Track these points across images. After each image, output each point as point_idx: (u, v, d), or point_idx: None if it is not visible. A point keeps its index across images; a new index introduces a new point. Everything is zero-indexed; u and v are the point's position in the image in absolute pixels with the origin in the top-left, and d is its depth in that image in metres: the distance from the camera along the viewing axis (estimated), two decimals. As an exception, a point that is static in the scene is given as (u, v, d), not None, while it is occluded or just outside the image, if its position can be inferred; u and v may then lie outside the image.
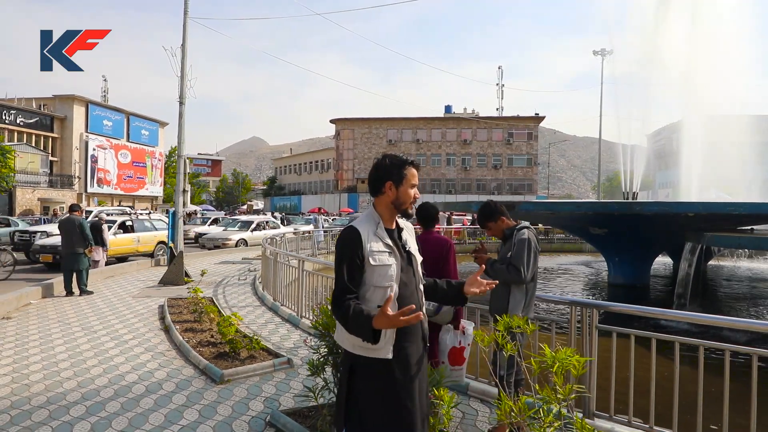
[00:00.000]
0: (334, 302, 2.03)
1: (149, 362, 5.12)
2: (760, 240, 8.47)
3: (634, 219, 10.46)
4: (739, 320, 3.54)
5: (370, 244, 2.03)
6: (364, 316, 1.89)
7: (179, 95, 10.84)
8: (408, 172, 2.13)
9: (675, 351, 3.37)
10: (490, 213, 3.60)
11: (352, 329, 1.96)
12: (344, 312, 1.96)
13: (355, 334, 1.97)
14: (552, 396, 2.20)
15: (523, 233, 3.38)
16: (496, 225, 3.59)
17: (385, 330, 1.92)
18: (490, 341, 2.53)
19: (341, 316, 1.99)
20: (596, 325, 3.71)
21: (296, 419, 3.53)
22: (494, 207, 3.62)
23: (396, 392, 2.01)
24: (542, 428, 2.23)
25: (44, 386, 4.39)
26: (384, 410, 2.01)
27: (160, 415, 3.80)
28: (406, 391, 2.01)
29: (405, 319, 1.80)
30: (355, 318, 1.92)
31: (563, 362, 2.24)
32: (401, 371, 2.02)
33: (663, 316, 3.87)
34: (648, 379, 3.46)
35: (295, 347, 5.70)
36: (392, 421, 2.00)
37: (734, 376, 3.20)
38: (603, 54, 34.54)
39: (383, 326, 1.87)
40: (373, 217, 2.15)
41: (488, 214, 3.61)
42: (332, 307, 2.07)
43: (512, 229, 3.49)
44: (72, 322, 6.84)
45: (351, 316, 1.93)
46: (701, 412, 3.17)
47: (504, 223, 3.57)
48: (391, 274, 2.03)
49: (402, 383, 2.01)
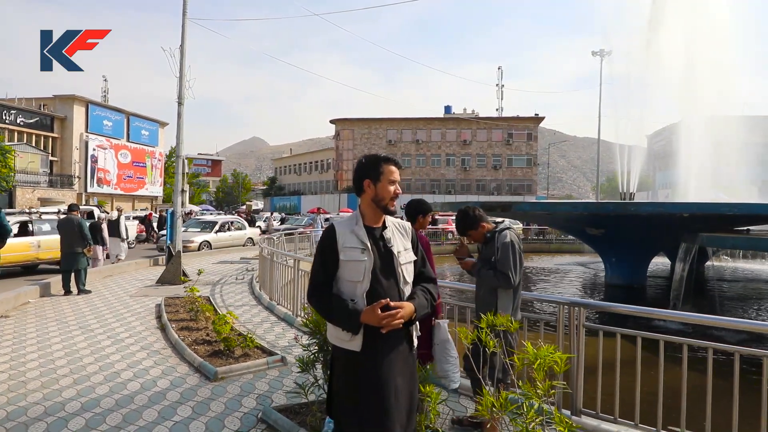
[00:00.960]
0: (309, 293, 2.22)
1: (145, 360, 5.18)
2: (754, 240, 8.52)
3: (629, 219, 10.52)
4: (725, 319, 3.57)
5: (343, 240, 2.16)
6: (351, 309, 2.05)
7: (178, 96, 10.90)
8: (385, 168, 2.21)
9: (660, 349, 3.42)
10: (471, 222, 3.52)
11: (334, 318, 2.11)
12: (324, 302, 2.14)
13: (336, 324, 2.11)
14: (532, 391, 2.26)
15: (506, 236, 3.37)
16: (476, 232, 3.52)
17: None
18: (473, 338, 2.58)
19: (320, 307, 2.18)
20: (583, 323, 3.77)
21: (287, 415, 3.59)
22: (473, 215, 3.52)
23: (362, 384, 2.09)
24: (525, 423, 2.29)
25: (41, 383, 4.45)
26: (351, 401, 2.11)
27: (154, 411, 3.86)
28: (372, 384, 2.08)
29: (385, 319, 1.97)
30: (340, 308, 2.07)
31: (545, 359, 2.31)
32: (370, 364, 2.09)
33: (651, 315, 3.93)
34: (640, 378, 3.51)
35: (289, 345, 5.76)
36: (358, 411, 2.08)
37: (721, 374, 3.25)
38: (602, 54, 34.60)
39: (369, 322, 2.02)
40: (355, 215, 2.26)
41: (469, 223, 3.52)
42: (307, 297, 2.25)
43: (493, 231, 3.47)
44: (69, 320, 6.90)
45: (335, 306, 2.09)
46: (685, 409, 3.23)
47: (484, 228, 3.50)
48: (361, 270, 2.12)
49: (369, 376, 2.08)
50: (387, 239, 2.23)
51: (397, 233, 2.29)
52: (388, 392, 2.08)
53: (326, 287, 2.18)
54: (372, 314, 2.01)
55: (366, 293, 2.12)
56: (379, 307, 2.01)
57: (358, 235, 2.17)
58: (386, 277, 2.16)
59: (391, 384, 2.09)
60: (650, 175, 64.25)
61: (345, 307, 2.08)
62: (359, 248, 2.15)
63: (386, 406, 2.05)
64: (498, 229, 3.45)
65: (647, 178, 62.52)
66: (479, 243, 3.62)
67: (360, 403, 2.08)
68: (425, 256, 2.42)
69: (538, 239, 25.81)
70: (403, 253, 2.25)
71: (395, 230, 2.30)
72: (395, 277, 2.19)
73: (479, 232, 3.53)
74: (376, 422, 2.05)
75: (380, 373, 2.09)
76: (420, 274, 2.36)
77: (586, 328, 3.79)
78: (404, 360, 2.18)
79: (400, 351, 2.17)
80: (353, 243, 2.15)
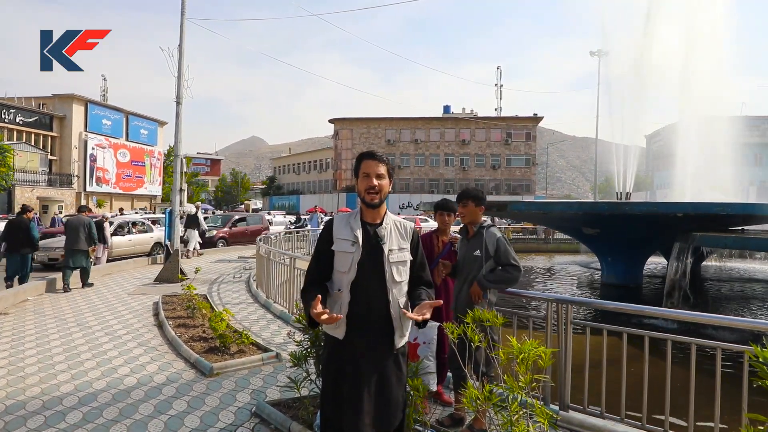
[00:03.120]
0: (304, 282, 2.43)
1: (141, 356, 5.26)
2: (746, 240, 8.60)
3: (624, 219, 10.58)
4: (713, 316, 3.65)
5: (338, 232, 2.30)
6: (306, 303, 2.24)
7: (176, 95, 10.97)
8: (362, 163, 2.33)
9: (645, 346, 3.49)
10: (481, 201, 3.61)
11: (305, 310, 2.30)
12: (304, 293, 2.34)
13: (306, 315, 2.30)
14: (514, 384, 2.33)
15: (494, 232, 3.47)
16: (475, 212, 3.58)
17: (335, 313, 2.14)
18: (459, 333, 2.66)
19: (302, 297, 2.36)
20: (570, 320, 3.84)
21: (280, 409, 3.67)
22: (484, 197, 3.66)
23: (338, 369, 2.25)
24: (509, 416, 2.36)
25: (39, 378, 4.53)
26: (327, 385, 2.29)
27: (150, 406, 3.93)
28: (343, 370, 2.23)
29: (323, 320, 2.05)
30: (306, 302, 2.26)
31: (529, 353, 2.38)
32: (349, 353, 2.23)
33: (642, 312, 4.00)
34: (629, 375, 3.58)
35: (284, 342, 5.83)
36: (325, 394, 2.29)
37: (708, 370, 3.32)
38: (600, 55, 34.65)
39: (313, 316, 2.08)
40: (355, 210, 2.39)
41: (480, 200, 3.60)
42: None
43: (480, 227, 3.55)
44: (68, 318, 6.97)
45: (307, 298, 2.27)
46: (668, 404, 3.31)
47: (479, 216, 3.62)
48: (348, 261, 2.23)
49: (345, 364, 2.23)
50: (381, 236, 2.29)
51: (395, 232, 2.34)
52: (357, 381, 2.19)
53: (312, 279, 2.34)
54: (315, 312, 2.05)
55: (351, 284, 2.23)
56: (316, 305, 2.06)
57: (351, 227, 2.29)
58: (372, 272, 2.24)
59: (362, 373, 2.20)
60: (649, 176, 64.38)
61: (306, 300, 2.25)
62: (350, 240, 2.26)
63: (350, 394, 2.19)
64: (485, 225, 3.53)
65: (646, 179, 62.65)
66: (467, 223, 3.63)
67: (328, 386, 2.27)
68: (424, 260, 2.48)
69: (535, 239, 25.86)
70: (396, 251, 2.30)
71: (393, 228, 2.34)
72: (381, 273, 2.26)
73: (478, 214, 3.59)
74: (335, 405, 2.22)
75: (359, 363, 2.21)
76: (418, 278, 2.42)
77: (573, 324, 3.86)
78: (384, 354, 2.27)
79: (380, 345, 2.26)
80: (345, 235, 2.28)
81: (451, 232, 4.09)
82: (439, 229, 4.06)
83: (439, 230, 4.06)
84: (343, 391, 2.22)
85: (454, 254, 3.85)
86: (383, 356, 2.26)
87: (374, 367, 2.24)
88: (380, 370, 2.25)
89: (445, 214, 3.96)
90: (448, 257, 3.85)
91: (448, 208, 3.95)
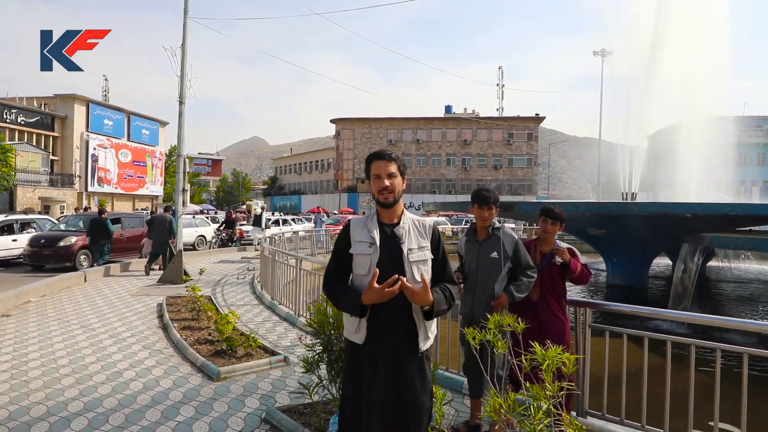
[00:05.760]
0: (323, 284, 2.37)
1: (147, 360, 5.16)
2: (757, 240, 8.47)
3: (631, 219, 10.48)
4: (729, 319, 3.57)
5: (355, 235, 2.26)
6: (354, 292, 2.16)
7: (179, 95, 10.88)
8: (371, 165, 2.28)
9: (667, 350, 3.39)
10: (496, 201, 3.40)
11: (341, 305, 2.23)
12: (333, 291, 2.27)
13: (344, 310, 2.24)
14: (541, 393, 2.24)
15: (510, 232, 3.38)
16: (490, 213, 3.36)
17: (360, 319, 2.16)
18: (481, 339, 2.55)
19: (329, 294, 2.29)
20: (589, 324, 3.74)
21: (291, 416, 3.57)
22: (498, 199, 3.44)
23: (358, 375, 2.22)
24: (533, 425, 2.26)
25: (43, 382, 4.43)
26: (346, 391, 2.29)
27: (157, 412, 3.83)
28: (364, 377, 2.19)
29: (389, 290, 2.02)
30: (345, 294, 2.21)
31: (553, 360, 2.28)
32: (370, 358, 2.19)
33: (659, 316, 3.91)
34: (647, 378, 3.48)
35: (291, 345, 5.73)
36: (351, 401, 2.24)
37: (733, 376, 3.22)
38: (603, 54, 34.55)
39: (371, 300, 2.07)
40: (372, 212, 2.34)
41: (496, 201, 3.39)
42: (322, 288, 2.39)
43: (493, 227, 3.42)
44: (71, 319, 6.87)
45: (340, 292, 2.23)
46: (692, 412, 3.20)
47: (496, 213, 3.44)
48: (367, 264, 2.19)
49: (365, 369, 2.19)
50: (399, 236, 2.23)
51: (414, 231, 2.27)
52: (378, 387, 2.16)
53: (337, 278, 2.30)
54: (370, 291, 2.05)
55: None
56: (374, 281, 2.04)
57: (369, 229, 2.24)
58: (392, 273, 2.13)
59: (383, 379, 2.16)
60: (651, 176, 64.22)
61: (347, 290, 2.21)
62: (367, 242, 2.22)
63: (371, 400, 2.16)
64: (498, 226, 3.41)
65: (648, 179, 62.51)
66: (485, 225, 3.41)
67: (347, 393, 2.26)
68: (446, 258, 2.38)
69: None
70: (416, 251, 2.24)
71: (412, 228, 2.28)
72: (402, 274, 2.17)
73: (491, 214, 3.37)
74: (355, 412, 2.20)
75: (378, 367, 2.18)
76: (441, 276, 2.35)
77: (592, 328, 3.76)
78: (407, 358, 2.19)
79: (403, 349, 2.19)
80: (363, 237, 2.24)
81: (556, 242, 3.68)
82: (540, 238, 3.72)
83: (540, 239, 3.71)
84: (363, 398, 2.18)
85: (556, 267, 3.57)
86: (406, 361, 2.19)
87: (396, 372, 2.17)
88: (403, 375, 2.18)
89: (549, 221, 3.61)
90: (548, 270, 3.56)
91: (554, 216, 3.59)
